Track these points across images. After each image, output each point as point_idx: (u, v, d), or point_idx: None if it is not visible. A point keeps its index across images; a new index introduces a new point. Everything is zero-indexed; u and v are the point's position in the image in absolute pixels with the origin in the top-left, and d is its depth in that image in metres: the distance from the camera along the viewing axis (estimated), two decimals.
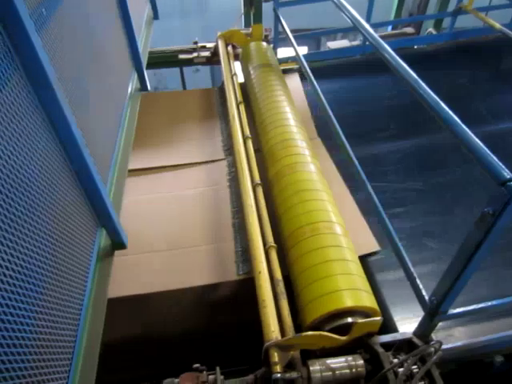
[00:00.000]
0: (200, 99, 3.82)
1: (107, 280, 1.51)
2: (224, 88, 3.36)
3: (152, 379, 1.66)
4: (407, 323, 1.70)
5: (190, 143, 3.31)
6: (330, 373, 1.45)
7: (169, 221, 2.64)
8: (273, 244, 1.94)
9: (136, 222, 2.61)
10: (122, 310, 2.15)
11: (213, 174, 2.98)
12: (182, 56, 4.30)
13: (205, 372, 1.60)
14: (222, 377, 1.53)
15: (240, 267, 2.22)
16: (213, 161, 3.08)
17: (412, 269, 1.48)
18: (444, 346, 1.44)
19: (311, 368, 1.45)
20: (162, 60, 4.37)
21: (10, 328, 0.83)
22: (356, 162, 1.92)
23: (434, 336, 1.54)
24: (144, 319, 2.27)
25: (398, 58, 1.53)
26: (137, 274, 2.33)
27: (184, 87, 5.12)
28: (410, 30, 4.80)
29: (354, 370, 1.46)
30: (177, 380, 1.59)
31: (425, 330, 1.48)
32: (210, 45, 4.24)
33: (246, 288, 2.00)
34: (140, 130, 2.41)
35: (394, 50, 1.62)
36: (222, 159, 3.06)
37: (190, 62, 4.34)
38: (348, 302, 1.56)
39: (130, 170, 2.32)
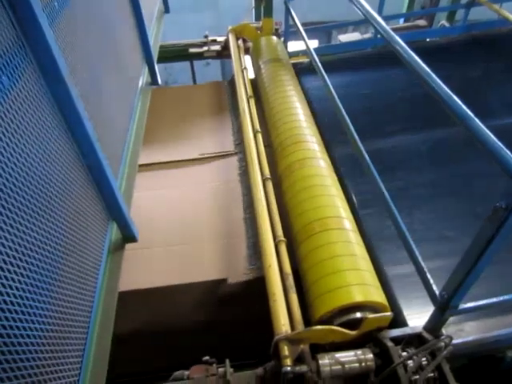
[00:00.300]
0: (210, 93, 3.82)
1: (118, 272, 1.53)
2: (234, 82, 3.35)
3: (162, 371, 1.68)
4: (417, 318, 1.69)
5: (201, 138, 3.32)
6: (340, 366, 1.45)
7: (181, 216, 2.66)
8: (282, 238, 1.94)
9: (148, 216, 2.64)
10: (133, 303, 2.18)
11: (224, 168, 2.99)
12: (192, 50, 4.30)
13: (214, 365, 1.61)
14: (231, 369, 1.55)
15: (251, 262, 2.24)
16: (224, 155, 3.09)
17: (422, 263, 1.47)
18: (454, 341, 1.43)
19: (320, 362, 1.45)
20: (172, 54, 4.38)
21: (24, 319, 0.85)
22: (366, 156, 1.90)
23: (445, 331, 1.52)
24: (155, 312, 2.30)
25: (410, 50, 1.51)
26: (149, 268, 2.36)
27: (194, 81, 5.13)
28: (422, 22, 4.73)
29: (363, 364, 1.46)
30: (187, 372, 1.61)
31: (435, 325, 1.47)
32: (221, 39, 4.23)
33: (257, 283, 2.02)
34: (150, 125, 2.43)
35: (406, 42, 1.60)
36: (232, 153, 3.06)
37: (200, 56, 4.34)
38: (357, 297, 1.56)
39: (141, 165, 2.35)
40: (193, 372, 1.59)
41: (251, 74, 3.51)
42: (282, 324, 1.53)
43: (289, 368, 1.42)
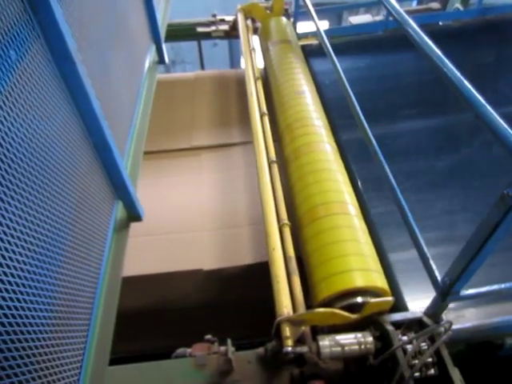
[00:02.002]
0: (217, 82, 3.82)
1: (123, 250, 1.55)
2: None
3: (165, 349, 1.72)
4: (418, 303, 1.70)
5: (203, 128, 3.35)
6: (339, 348, 1.47)
7: (186, 204, 2.70)
8: (286, 222, 1.95)
9: (153, 205, 2.67)
10: (138, 286, 2.23)
11: (230, 157, 3.02)
12: (200, 29, 4.24)
13: (216, 343, 1.64)
14: (232, 348, 1.57)
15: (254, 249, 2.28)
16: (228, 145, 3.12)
17: (425, 249, 1.47)
18: (454, 327, 1.45)
19: (321, 343, 1.47)
20: (179, 33, 4.32)
21: (32, 293, 0.87)
22: (373, 141, 1.89)
23: (445, 317, 1.54)
24: (159, 294, 2.35)
25: (422, 33, 1.48)
26: (154, 254, 2.41)
27: (201, 61, 5.08)
28: (435, 5, 4.62)
29: (363, 347, 1.47)
30: (189, 350, 1.64)
31: (435, 310, 1.48)
32: (229, 18, 4.17)
33: (259, 270, 2.04)
34: (155, 115, 2.45)
35: (418, 26, 1.56)
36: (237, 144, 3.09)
37: (208, 36, 4.28)
38: (359, 281, 1.57)
39: (146, 153, 2.40)
40: (195, 349, 1.62)
41: (259, 55, 3.47)
42: (285, 306, 1.55)
43: (290, 348, 1.44)
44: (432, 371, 1.39)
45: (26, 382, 0.82)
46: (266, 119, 2.62)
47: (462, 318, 1.62)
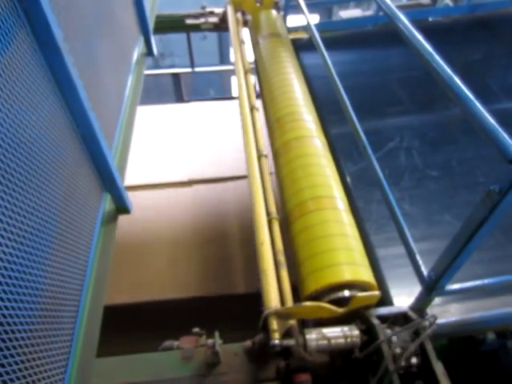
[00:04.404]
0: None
1: (111, 243, 1.54)
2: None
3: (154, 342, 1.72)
4: (404, 298, 1.73)
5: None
6: (326, 341, 1.49)
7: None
8: (275, 216, 1.95)
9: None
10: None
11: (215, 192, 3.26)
12: (189, 21, 4.19)
13: (204, 336, 1.65)
14: (220, 341, 1.58)
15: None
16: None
17: (412, 244, 1.49)
18: (439, 321, 1.47)
19: (307, 336, 1.49)
20: (168, 25, 4.26)
21: (18, 285, 0.86)
22: (363, 136, 1.90)
23: (430, 311, 1.56)
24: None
25: (412, 28, 1.49)
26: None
27: (191, 54, 5.03)
28: (425, 0, 4.64)
29: (349, 340, 1.49)
30: (176, 342, 1.64)
31: (421, 305, 1.50)
32: (219, 10, 4.13)
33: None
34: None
35: (409, 21, 1.57)
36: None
37: (197, 28, 4.23)
38: (347, 275, 1.59)
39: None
40: (182, 342, 1.62)
41: (249, 49, 3.45)
42: (272, 299, 1.56)
43: (277, 341, 1.45)
44: (415, 364, 1.41)
45: (13, 373, 0.82)
46: (256, 113, 2.61)
47: (447, 313, 1.65)
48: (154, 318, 2.48)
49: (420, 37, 1.44)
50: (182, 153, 3.68)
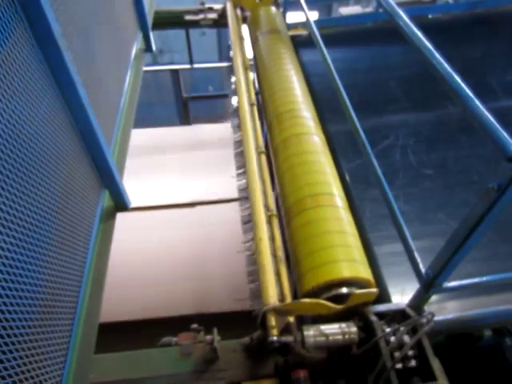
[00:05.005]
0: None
1: (110, 240, 1.53)
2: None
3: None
4: (401, 295, 1.74)
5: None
6: (324, 338, 1.49)
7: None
8: (274, 212, 1.95)
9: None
10: None
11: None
12: (188, 17, 4.18)
13: (202, 332, 1.65)
14: (218, 337, 1.58)
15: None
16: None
17: (411, 242, 1.50)
18: (436, 318, 1.48)
19: (305, 333, 1.49)
20: (167, 21, 4.24)
21: (17, 280, 0.86)
22: (362, 133, 1.90)
23: (427, 309, 1.57)
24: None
25: (412, 25, 1.49)
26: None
27: (189, 50, 5.01)
28: None
29: (346, 337, 1.50)
30: (175, 339, 1.65)
31: (418, 302, 1.51)
32: (218, 6, 4.11)
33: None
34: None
35: (408, 18, 1.56)
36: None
37: (196, 24, 4.22)
38: (345, 272, 1.59)
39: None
40: (181, 338, 1.62)
41: (248, 45, 3.44)
42: (271, 296, 1.56)
43: (275, 338, 1.45)
44: (413, 361, 1.42)
45: (11, 369, 0.82)
46: (255, 109, 2.61)
47: (444, 310, 1.66)
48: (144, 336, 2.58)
49: (420, 34, 1.44)
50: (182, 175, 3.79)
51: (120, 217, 1.66)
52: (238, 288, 2.10)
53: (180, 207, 3.41)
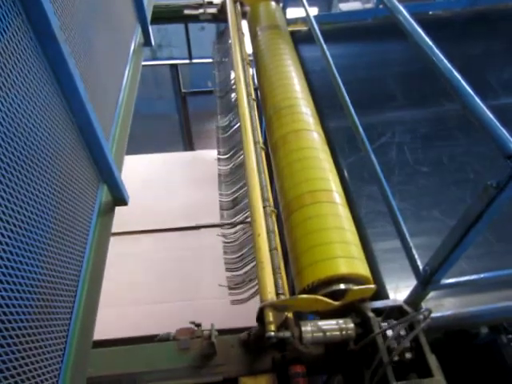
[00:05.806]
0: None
1: (108, 235, 1.53)
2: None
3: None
4: (399, 292, 1.74)
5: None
6: (321, 334, 1.50)
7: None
8: (272, 208, 1.95)
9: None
10: None
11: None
12: (187, 11, 4.16)
13: (200, 327, 1.65)
14: (216, 332, 1.58)
15: None
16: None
17: (408, 238, 1.50)
18: (433, 315, 1.48)
19: (303, 328, 1.50)
20: (166, 15, 4.22)
21: (15, 274, 0.85)
22: (361, 130, 1.89)
23: (424, 305, 1.57)
24: None
25: (413, 22, 1.48)
26: None
27: (189, 45, 4.99)
28: None
29: (344, 333, 1.50)
30: (173, 333, 1.65)
31: (416, 299, 1.51)
32: (217, 1, 4.09)
33: None
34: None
35: (408, 15, 1.56)
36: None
37: (195, 19, 4.20)
38: (343, 269, 1.59)
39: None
40: (178, 333, 1.63)
41: (248, 40, 3.43)
42: (269, 291, 1.56)
43: (272, 333, 1.45)
44: (409, 355, 1.43)
45: (9, 362, 0.82)
46: (254, 105, 2.60)
47: (441, 307, 1.67)
48: None
49: (420, 30, 1.43)
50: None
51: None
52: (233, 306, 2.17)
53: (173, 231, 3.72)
